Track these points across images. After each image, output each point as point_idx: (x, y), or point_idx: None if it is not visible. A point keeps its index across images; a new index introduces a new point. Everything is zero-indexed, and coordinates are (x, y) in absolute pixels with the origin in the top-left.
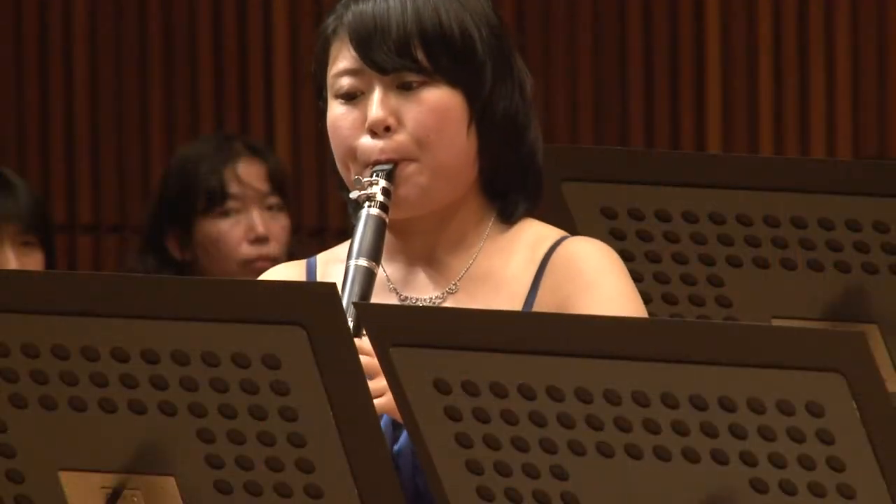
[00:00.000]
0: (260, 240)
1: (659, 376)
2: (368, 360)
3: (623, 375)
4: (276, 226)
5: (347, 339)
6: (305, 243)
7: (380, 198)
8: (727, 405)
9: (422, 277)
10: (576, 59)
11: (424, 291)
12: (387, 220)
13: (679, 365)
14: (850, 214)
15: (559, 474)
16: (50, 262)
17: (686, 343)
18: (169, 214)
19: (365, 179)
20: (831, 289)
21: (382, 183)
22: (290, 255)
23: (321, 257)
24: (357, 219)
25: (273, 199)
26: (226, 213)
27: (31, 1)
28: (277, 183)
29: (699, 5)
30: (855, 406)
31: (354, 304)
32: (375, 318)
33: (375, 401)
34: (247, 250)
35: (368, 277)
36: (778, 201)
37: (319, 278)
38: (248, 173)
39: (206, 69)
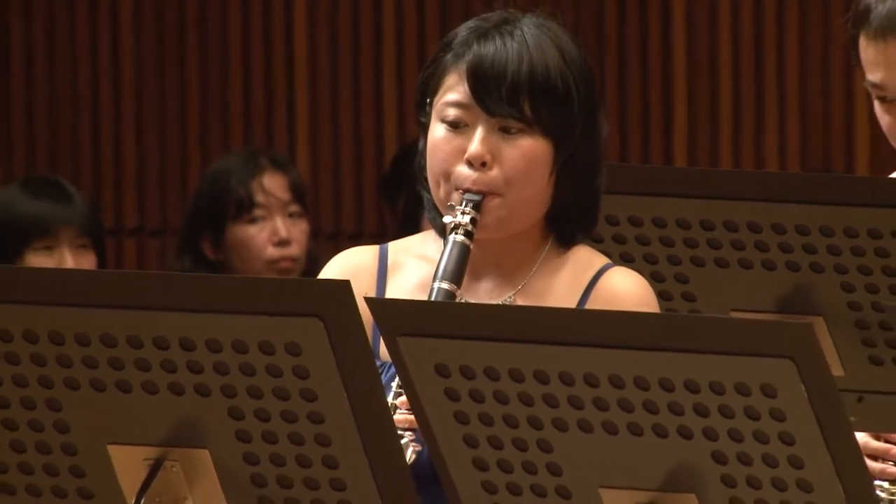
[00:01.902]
0: (283, 243)
1: (632, 362)
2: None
3: (601, 361)
4: (296, 230)
5: (359, 329)
6: (323, 245)
7: (468, 227)
8: (692, 387)
9: (482, 287)
10: None
11: (482, 300)
12: (471, 248)
13: (650, 352)
14: (799, 220)
15: (545, 448)
16: (101, 262)
17: (656, 333)
18: (203, 220)
19: (458, 207)
20: (783, 285)
21: (472, 214)
22: (310, 256)
23: (392, 246)
24: (445, 242)
25: (294, 207)
26: (253, 220)
27: (82, 32)
28: (298, 193)
29: (667, 37)
30: (804, 388)
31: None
32: (385, 311)
33: None
34: (271, 252)
35: (449, 299)
36: (737, 209)
37: (390, 264)
38: (273, 184)
39: (237, 92)
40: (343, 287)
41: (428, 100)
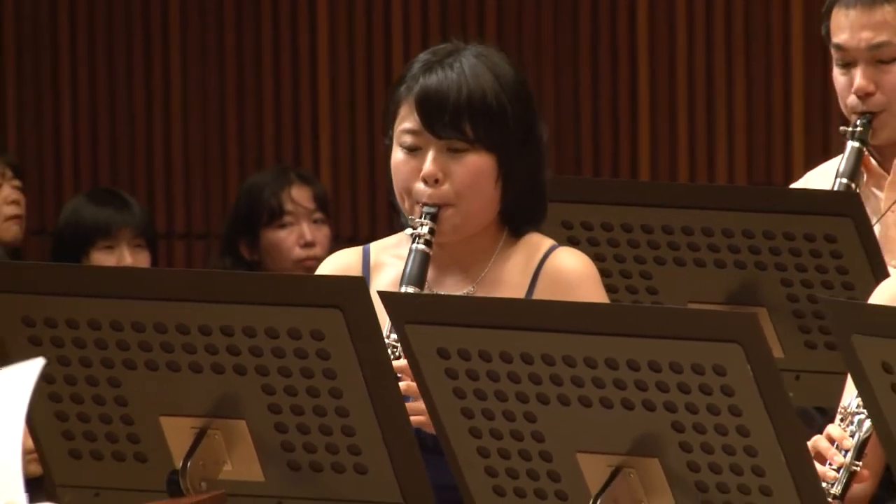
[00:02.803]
0: (308, 245)
1: (604, 346)
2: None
3: (577, 345)
4: (320, 234)
5: (373, 318)
6: (342, 247)
7: (427, 237)
8: (655, 367)
9: (448, 280)
10: (542, 106)
11: (449, 291)
12: (430, 254)
13: (619, 337)
14: (746, 226)
15: (530, 418)
16: (154, 261)
17: (624, 321)
18: (241, 226)
19: (417, 220)
20: (732, 281)
21: (429, 225)
22: None
23: (374, 246)
24: (409, 251)
25: (318, 215)
26: (283, 226)
27: (138, 73)
28: (321, 202)
29: (634, 70)
30: (749, 368)
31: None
32: (395, 303)
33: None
34: (298, 253)
35: None
36: (692, 216)
37: (373, 263)
38: (300, 195)
39: (269, 117)
40: (359, 282)
41: (390, 126)
